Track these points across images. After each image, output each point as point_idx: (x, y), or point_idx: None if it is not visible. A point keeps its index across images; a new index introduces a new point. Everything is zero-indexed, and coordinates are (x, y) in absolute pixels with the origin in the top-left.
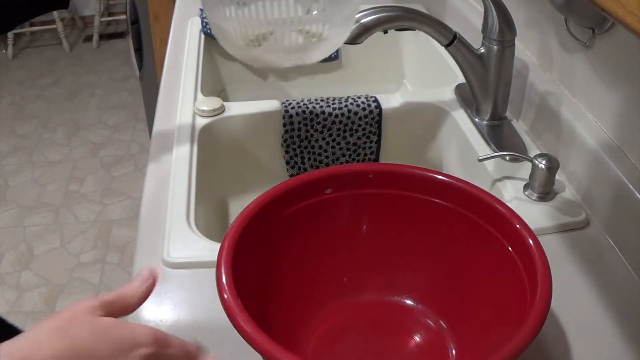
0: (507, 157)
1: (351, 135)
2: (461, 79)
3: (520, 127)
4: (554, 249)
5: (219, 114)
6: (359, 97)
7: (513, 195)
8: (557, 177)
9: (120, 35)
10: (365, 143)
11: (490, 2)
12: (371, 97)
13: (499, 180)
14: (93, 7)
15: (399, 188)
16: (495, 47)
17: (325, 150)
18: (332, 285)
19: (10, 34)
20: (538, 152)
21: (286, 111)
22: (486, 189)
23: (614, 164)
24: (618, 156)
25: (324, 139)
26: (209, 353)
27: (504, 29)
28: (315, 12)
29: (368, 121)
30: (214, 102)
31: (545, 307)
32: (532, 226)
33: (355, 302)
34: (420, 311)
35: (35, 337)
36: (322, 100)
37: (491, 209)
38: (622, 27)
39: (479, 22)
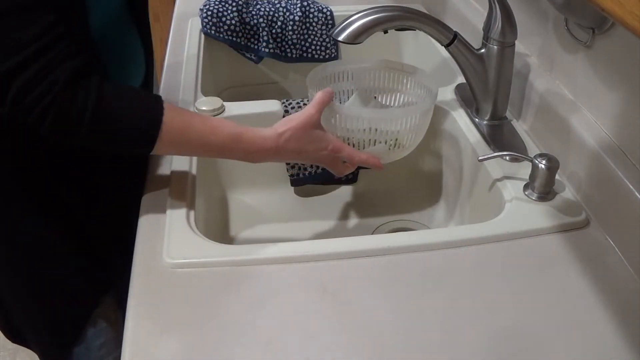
0: (507, 157)
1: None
2: (461, 79)
3: (520, 127)
4: (554, 249)
5: (219, 114)
6: None
7: (513, 195)
8: (557, 177)
9: None
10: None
11: (496, 3)
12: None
13: (499, 180)
14: None
15: None
16: (495, 47)
17: None
18: None
19: None
20: (538, 152)
21: (286, 111)
22: (486, 189)
23: (614, 164)
24: (618, 156)
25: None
26: (375, 161)
27: (506, 30)
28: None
29: None
30: (214, 102)
31: None
32: (532, 226)
33: None
34: None
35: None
36: None
37: None
38: (622, 27)
39: (479, 22)
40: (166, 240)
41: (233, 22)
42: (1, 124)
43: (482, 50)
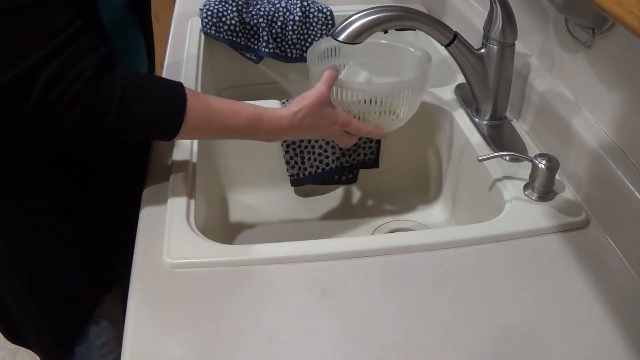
0: (507, 157)
1: None
2: (461, 79)
3: (520, 127)
4: (554, 249)
5: None
6: None
7: (513, 195)
8: (557, 177)
9: None
10: (365, 143)
11: (497, 3)
12: None
13: (499, 180)
14: None
15: None
16: (495, 47)
17: (325, 151)
18: None
19: None
20: (538, 152)
21: None
22: (486, 189)
23: (614, 164)
24: (618, 156)
25: (324, 139)
26: (379, 132)
27: (506, 31)
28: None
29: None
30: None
31: None
32: (532, 226)
33: None
34: None
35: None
36: None
37: None
38: (622, 27)
39: (479, 22)
40: (166, 240)
41: (233, 22)
42: (2, 123)
43: (482, 50)
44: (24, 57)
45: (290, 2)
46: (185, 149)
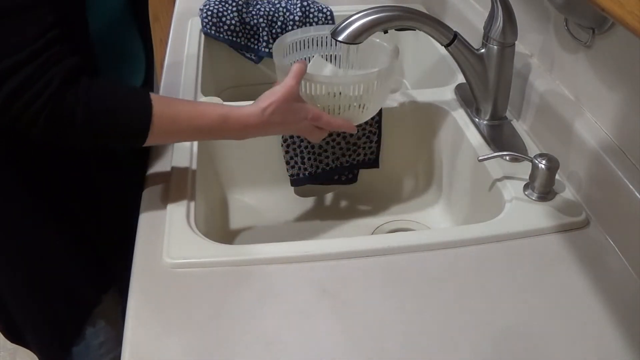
0: (507, 157)
1: (351, 135)
2: (461, 79)
3: (520, 127)
4: (554, 249)
5: None
6: None
7: (513, 195)
8: (557, 177)
9: None
10: (365, 143)
11: (499, 3)
12: None
13: (499, 180)
14: None
15: None
16: (495, 47)
17: (325, 151)
18: None
19: None
20: (538, 152)
21: None
22: (486, 189)
23: (614, 164)
24: (618, 156)
25: (324, 138)
26: (349, 125)
27: (507, 31)
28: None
29: (368, 121)
30: (214, 102)
31: None
32: (532, 226)
33: None
34: None
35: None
36: None
37: None
38: (622, 27)
39: (479, 22)
40: (166, 240)
41: (233, 22)
42: None
43: (482, 50)
44: None
45: (290, 2)
46: (185, 149)
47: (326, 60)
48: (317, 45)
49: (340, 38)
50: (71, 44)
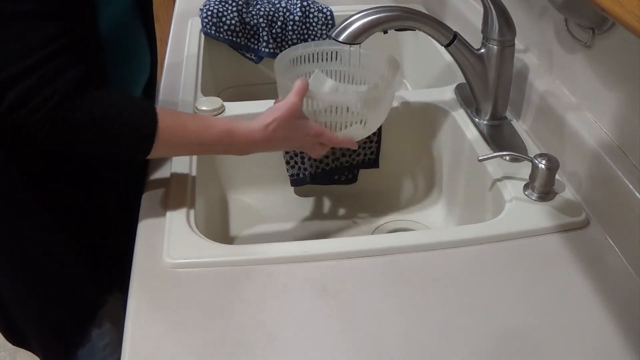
0: (507, 157)
1: None
2: (461, 79)
3: (520, 127)
4: (554, 249)
5: (219, 114)
6: None
7: (513, 195)
8: (557, 177)
9: None
10: (365, 143)
11: (490, 3)
12: None
13: (499, 180)
14: None
15: None
16: (495, 47)
17: None
18: None
19: None
20: (538, 152)
21: None
22: (486, 189)
23: (614, 164)
24: (618, 156)
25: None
26: (350, 142)
27: (503, 29)
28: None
29: None
30: (214, 102)
31: None
32: (532, 226)
33: None
34: None
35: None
36: None
37: None
38: (622, 27)
39: (479, 22)
40: (166, 241)
41: (233, 22)
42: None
43: (482, 50)
44: None
45: (290, 2)
46: None
47: (326, 75)
48: (317, 60)
49: (340, 38)
50: (80, 47)
